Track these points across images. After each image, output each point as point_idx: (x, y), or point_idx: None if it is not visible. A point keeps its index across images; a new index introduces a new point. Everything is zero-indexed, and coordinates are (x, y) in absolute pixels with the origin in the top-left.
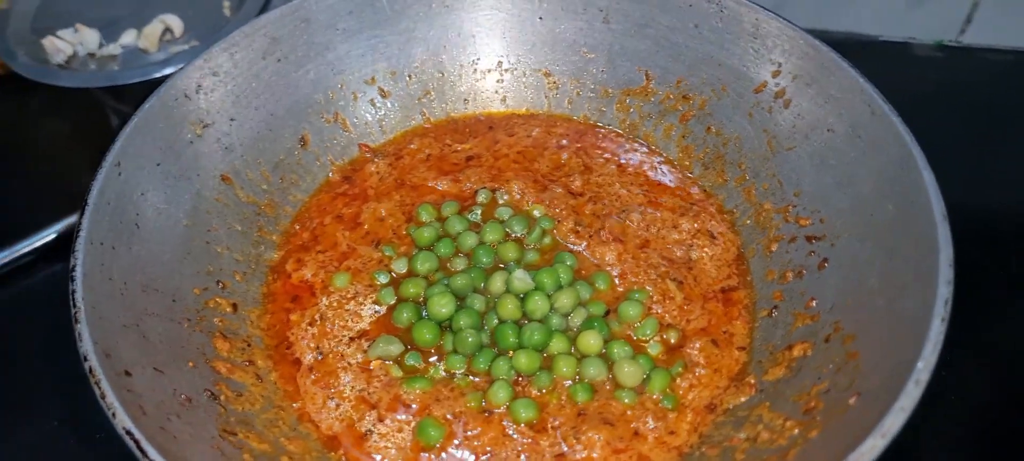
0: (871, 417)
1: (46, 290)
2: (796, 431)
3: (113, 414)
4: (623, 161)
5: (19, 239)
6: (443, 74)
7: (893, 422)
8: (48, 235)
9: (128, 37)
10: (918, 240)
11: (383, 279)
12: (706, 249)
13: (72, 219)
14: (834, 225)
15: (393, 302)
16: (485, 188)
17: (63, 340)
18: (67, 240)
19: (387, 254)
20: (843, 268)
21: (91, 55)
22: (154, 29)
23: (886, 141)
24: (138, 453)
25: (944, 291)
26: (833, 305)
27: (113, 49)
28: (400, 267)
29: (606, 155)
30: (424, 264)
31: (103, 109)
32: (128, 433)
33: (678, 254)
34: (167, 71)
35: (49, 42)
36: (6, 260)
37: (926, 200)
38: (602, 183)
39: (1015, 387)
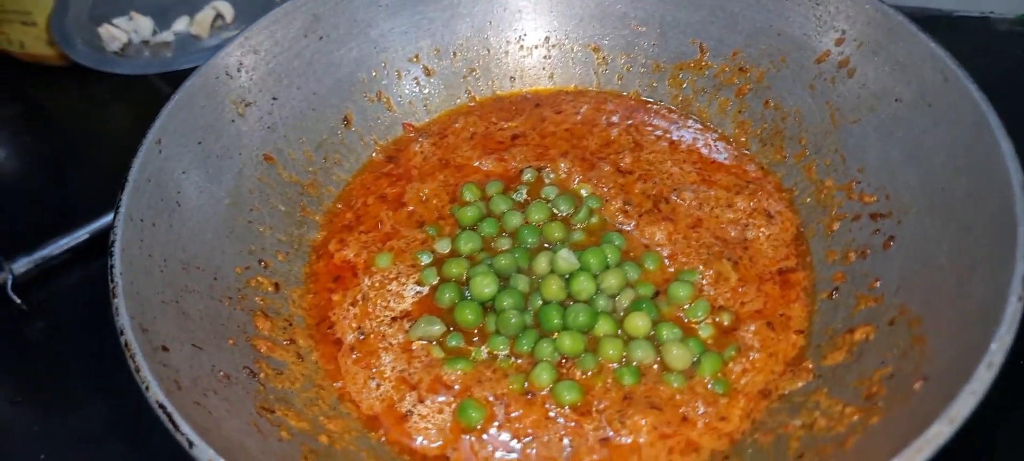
0: (937, 403)
1: (106, 276)
2: (855, 418)
3: (146, 387)
4: (675, 138)
5: (81, 225)
6: (489, 51)
7: (962, 407)
8: (107, 220)
9: (181, 24)
10: (994, 214)
11: (426, 259)
12: (763, 229)
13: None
14: (901, 201)
15: (435, 282)
16: (531, 167)
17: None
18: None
19: (430, 234)
20: (911, 247)
21: (145, 42)
22: (206, 16)
23: (959, 109)
24: (171, 427)
25: (1021, 267)
26: (899, 286)
27: (166, 36)
28: (443, 247)
29: (657, 132)
30: (467, 244)
31: (160, 96)
32: (161, 406)
33: (733, 234)
34: None
35: (105, 30)
36: (68, 246)
37: (1004, 171)
38: (653, 161)
39: None
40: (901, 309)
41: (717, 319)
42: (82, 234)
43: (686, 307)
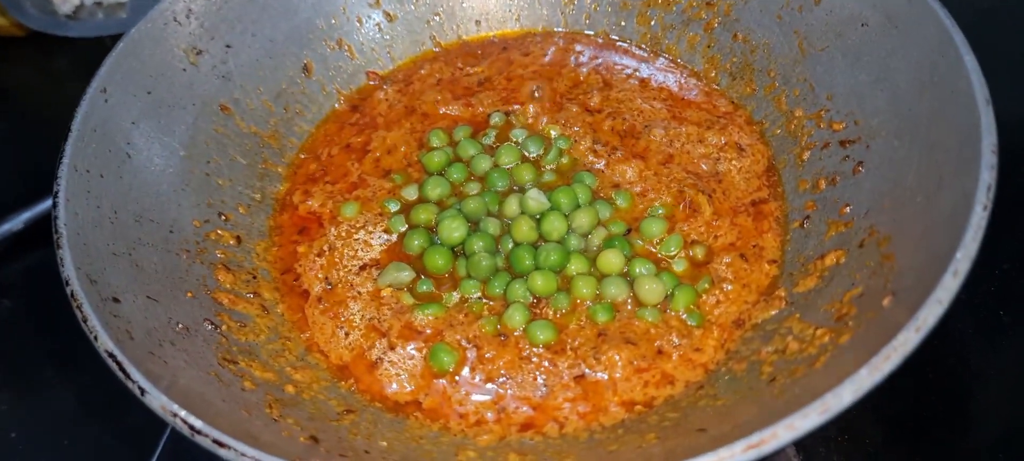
0: (905, 314)
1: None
2: (826, 339)
3: (95, 337)
4: (645, 75)
5: (43, 199)
6: None
7: (928, 315)
8: None
9: None
10: (959, 129)
11: (394, 207)
12: (734, 162)
13: None
14: (869, 125)
15: (404, 229)
16: (499, 111)
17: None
18: None
19: (397, 182)
20: (879, 170)
21: (98, 4)
22: None
23: (924, 28)
24: (121, 375)
25: (986, 176)
26: (868, 209)
27: None
28: (410, 194)
29: (627, 71)
30: (435, 189)
31: None
32: (110, 355)
33: (704, 168)
34: None
35: None
36: (30, 219)
37: (968, 85)
38: (622, 99)
39: None
40: (870, 230)
41: (690, 253)
42: (44, 207)
43: (659, 242)
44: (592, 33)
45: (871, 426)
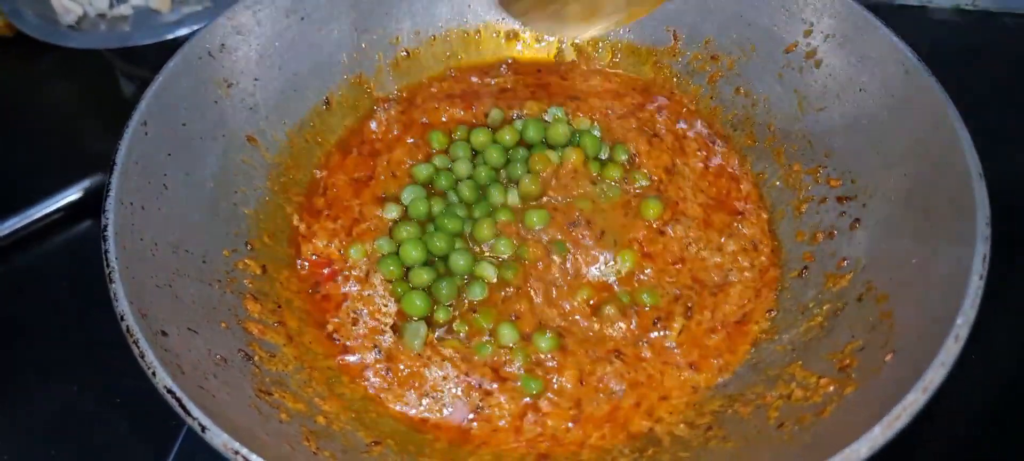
0: (908, 373)
1: (57, 258)
2: (831, 388)
3: (153, 373)
4: (652, 107)
5: (30, 205)
6: (468, 34)
7: (934, 377)
8: (59, 201)
9: None
10: (953, 198)
11: (385, 247)
12: (745, 273)
13: (85, 184)
14: (866, 185)
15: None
16: (498, 108)
17: (79, 306)
18: (77, 208)
19: (384, 217)
20: (875, 229)
21: (101, 16)
22: None
23: (920, 100)
24: (180, 411)
25: (982, 248)
26: (865, 265)
27: (124, 9)
28: (392, 213)
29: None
30: (416, 208)
31: (113, 71)
32: (169, 391)
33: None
34: (181, 32)
35: (58, 2)
36: (17, 226)
37: (962, 158)
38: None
39: None
40: (868, 286)
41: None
42: (32, 214)
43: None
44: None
45: None
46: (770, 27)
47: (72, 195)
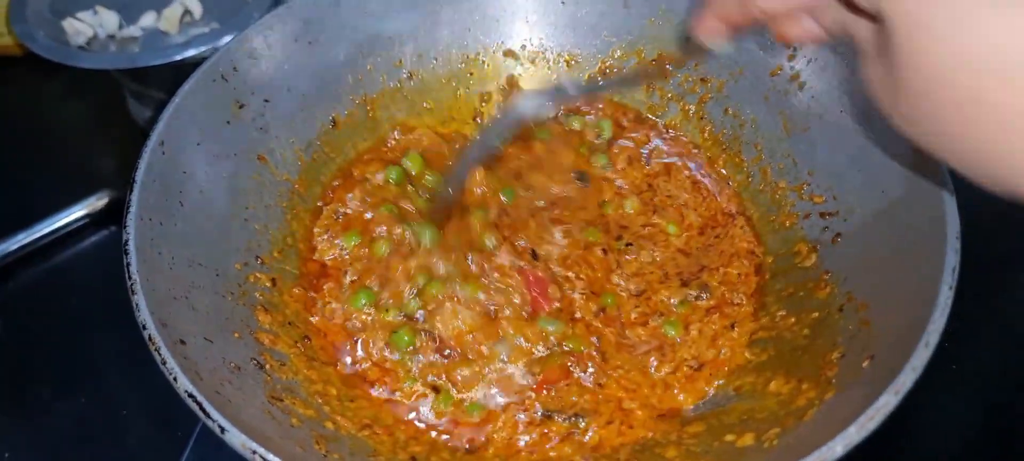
0: (883, 378)
1: (66, 273)
2: (813, 394)
3: (174, 378)
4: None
5: (40, 220)
6: (468, 56)
7: (905, 381)
8: (69, 216)
9: (148, 19)
10: (928, 214)
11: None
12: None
13: (93, 200)
14: (847, 202)
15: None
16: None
17: (88, 320)
18: (86, 223)
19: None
20: (856, 242)
21: (111, 37)
22: (174, 11)
23: None
24: (200, 414)
25: (952, 260)
26: (846, 277)
27: (133, 31)
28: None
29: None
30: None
31: (121, 91)
32: (190, 395)
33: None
34: (188, 53)
35: (69, 24)
36: (26, 241)
37: (937, 174)
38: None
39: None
40: (849, 296)
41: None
42: (40, 230)
43: None
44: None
45: None
46: (756, 51)
47: (81, 211)
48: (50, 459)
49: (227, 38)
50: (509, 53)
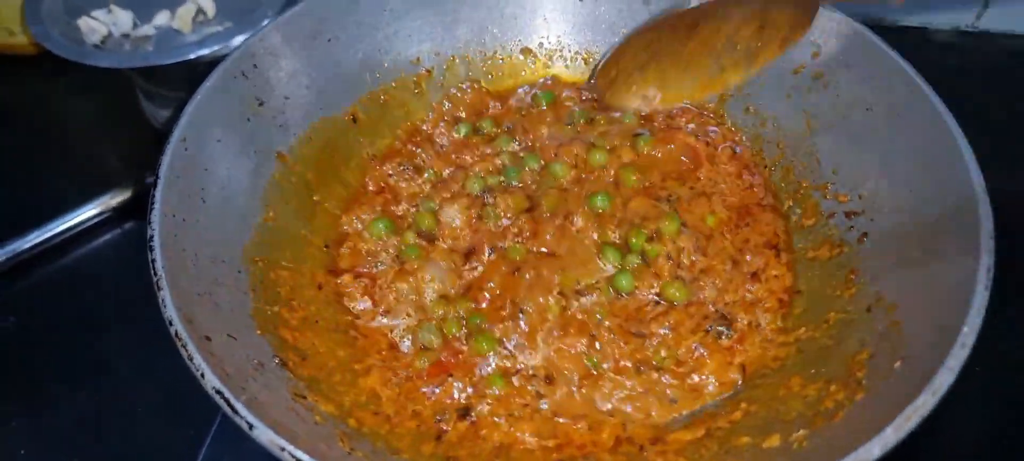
0: (916, 379)
1: (80, 270)
2: (842, 395)
3: (202, 375)
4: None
5: (54, 218)
6: (485, 54)
7: (942, 381)
8: (83, 214)
9: (161, 18)
10: (957, 213)
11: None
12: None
13: (105, 199)
14: (873, 201)
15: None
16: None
17: (102, 318)
18: (100, 221)
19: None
20: (883, 242)
21: (125, 36)
22: (187, 10)
23: (925, 119)
24: (228, 411)
25: (986, 260)
26: (874, 277)
27: (147, 30)
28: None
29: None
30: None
31: (133, 89)
32: (218, 392)
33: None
34: (202, 52)
35: (84, 22)
36: (41, 239)
37: (966, 174)
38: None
39: None
40: (878, 297)
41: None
42: (54, 228)
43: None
44: None
45: None
46: None
47: (94, 209)
48: (65, 456)
49: (240, 37)
50: (527, 51)
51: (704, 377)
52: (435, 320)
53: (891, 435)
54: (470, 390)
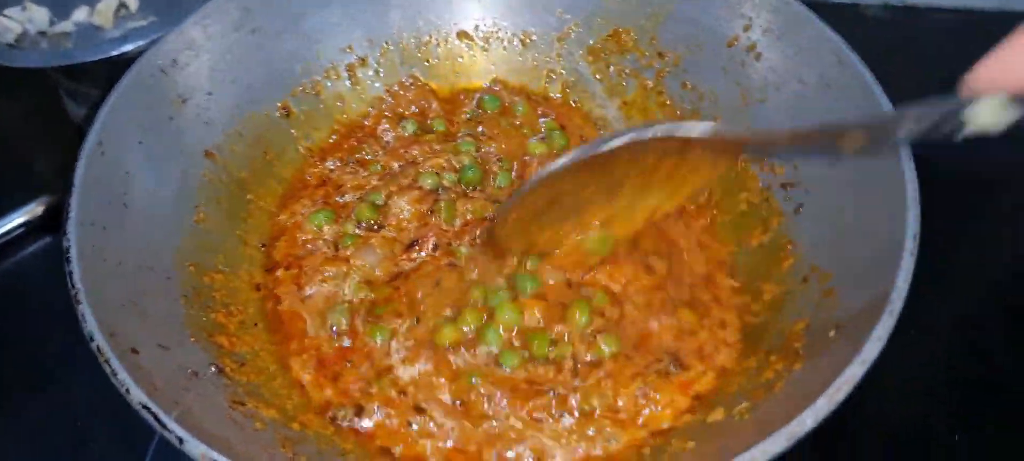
0: (850, 348)
1: (10, 279)
2: (780, 366)
3: (127, 390)
4: None
5: None
6: (420, 39)
7: (871, 350)
8: (9, 222)
9: (81, 14)
10: (886, 182)
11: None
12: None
13: (31, 207)
14: (808, 172)
15: None
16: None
17: (38, 325)
18: (30, 228)
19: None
20: (818, 213)
21: (42, 33)
22: (108, 4)
23: (853, 90)
24: (157, 426)
25: (912, 226)
26: (809, 248)
27: (66, 26)
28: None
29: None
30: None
31: (56, 90)
32: (145, 407)
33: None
34: (126, 48)
35: None
36: None
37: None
38: None
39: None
40: (813, 268)
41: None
42: None
43: None
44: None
45: None
46: (713, 23)
47: (19, 218)
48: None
49: (165, 31)
50: (463, 34)
51: (655, 410)
52: (346, 304)
53: (824, 406)
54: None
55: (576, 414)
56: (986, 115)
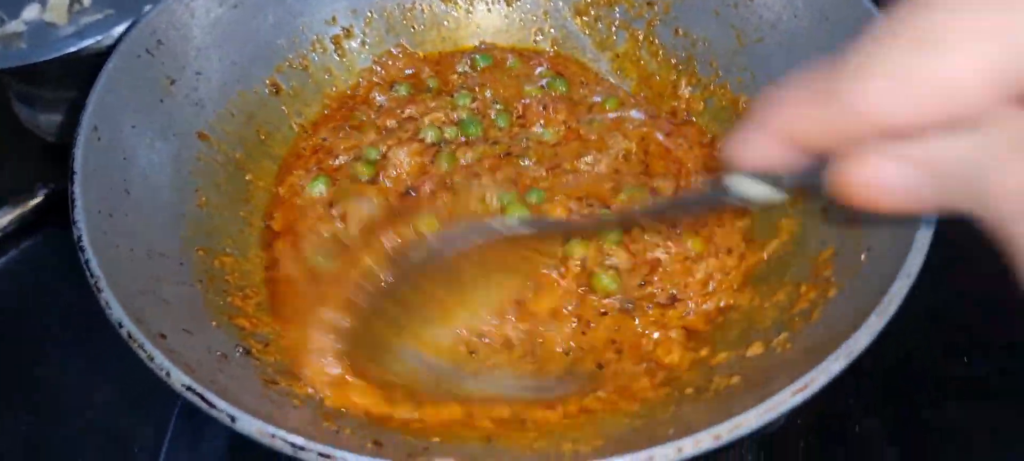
0: (887, 265)
1: None
2: (813, 294)
3: (167, 373)
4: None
5: None
6: (404, 6)
7: (914, 262)
8: None
9: (32, 12)
10: None
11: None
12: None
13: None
14: None
15: None
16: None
17: (24, 331)
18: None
19: None
20: None
21: None
22: (61, 0)
23: (855, 22)
24: (204, 405)
25: None
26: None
27: (16, 26)
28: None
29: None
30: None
31: (5, 94)
32: (189, 389)
33: None
34: (84, 43)
35: None
36: None
37: None
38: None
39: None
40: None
41: None
42: None
43: None
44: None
45: None
46: None
47: None
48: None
49: (123, 25)
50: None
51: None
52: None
53: (875, 322)
54: None
55: None
56: (748, 189)
